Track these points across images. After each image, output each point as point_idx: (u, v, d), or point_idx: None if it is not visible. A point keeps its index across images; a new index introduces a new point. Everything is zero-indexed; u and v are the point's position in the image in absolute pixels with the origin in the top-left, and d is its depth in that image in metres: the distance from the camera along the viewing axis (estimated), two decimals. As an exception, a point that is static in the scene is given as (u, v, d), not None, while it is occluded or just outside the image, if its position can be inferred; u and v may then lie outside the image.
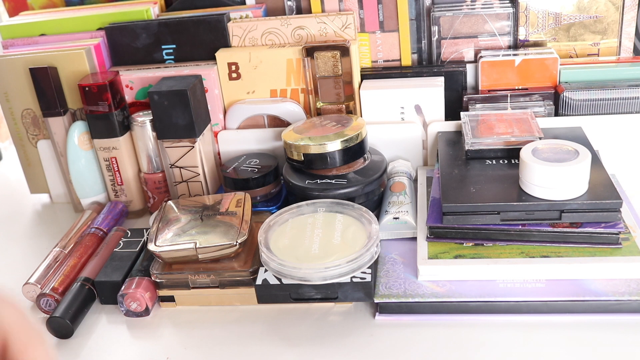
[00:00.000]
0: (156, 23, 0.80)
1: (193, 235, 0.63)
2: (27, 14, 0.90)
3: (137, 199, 0.81)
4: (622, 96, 0.71)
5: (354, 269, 0.57)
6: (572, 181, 0.58)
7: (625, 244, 0.58)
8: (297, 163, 0.70)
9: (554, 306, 0.55)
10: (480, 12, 0.77)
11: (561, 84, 0.75)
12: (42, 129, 0.84)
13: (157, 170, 0.78)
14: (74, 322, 0.60)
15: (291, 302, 0.59)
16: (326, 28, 0.77)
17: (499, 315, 0.56)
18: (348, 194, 0.67)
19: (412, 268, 0.60)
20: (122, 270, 0.65)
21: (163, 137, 0.74)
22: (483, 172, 0.65)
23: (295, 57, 0.77)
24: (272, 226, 0.64)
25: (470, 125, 0.70)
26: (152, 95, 0.72)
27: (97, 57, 0.80)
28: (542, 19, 0.77)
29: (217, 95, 0.79)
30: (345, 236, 0.61)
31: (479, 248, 0.60)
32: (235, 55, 0.78)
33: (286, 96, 0.79)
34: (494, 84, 0.76)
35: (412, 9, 0.78)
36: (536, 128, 0.68)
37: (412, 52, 0.81)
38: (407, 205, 0.67)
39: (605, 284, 0.55)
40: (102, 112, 0.75)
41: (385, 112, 0.77)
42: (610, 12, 0.76)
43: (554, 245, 0.59)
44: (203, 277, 0.61)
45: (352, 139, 0.69)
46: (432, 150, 0.77)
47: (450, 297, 0.56)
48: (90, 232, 0.73)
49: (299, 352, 0.55)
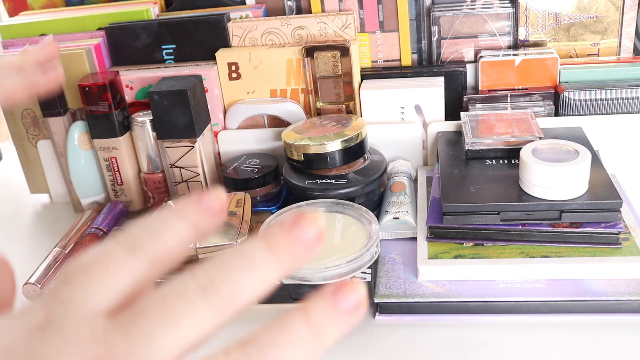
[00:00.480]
0: (156, 23, 0.80)
1: (193, 235, 0.63)
2: (27, 14, 0.90)
3: (137, 199, 0.81)
4: (622, 96, 0.71)
5: (354, 269, 0.57)
6: (572, 181, 0.58)
7: (625, 244, 0.58)
8: (297, 163, 0.70)
9: (554, 306, 0.55)
10: (480, 12, 0.77)
11: (561, 84, 0.75)
12: (42, 129, 0.84)
13: (157, 170, 0.78)
14: (74, 322, 0.60)
15: (291, 302, 0.59)
16: (326, 28, 0.77)
17: (499, 315, 0.56)
18: (348, 194, 0.67)
19: (412, 268, 0.60)
20: (122, 270, 0.64)
21: (163, 137, 0.74)
22: (483, 172, 0.65)
23: (295, 57, 0.77)
24: (272, 226, 0.64)
25: (470, 125, 0.70)
26: (152, 95, 0.72)
27: (97, 57, 0.80)
28: (542, 19, 0.77)
29: (217, 95, 0.79)
30: (345, 236, 0.61)
31: (479, 248, 0.60)
32: (235, 55, 0.78)
33: (286, 96, 0.79)
34: (494, 84, 0.76)
35: (412, 9, 0.78)
36: (536, 128, 0.68)
37: (412, 52, 0.81)
38: (407, 205, 0.67)
39: (605, 284, 0.55)
40: (102, 112, 0.75)
41: (385, 112, 0.77)
42: (610, 12, 0.76)
43: (554, 245, 0.59)
44: (203, 277, 0.61)
45: (352, 139, 0.69)
46: (432, 150, 0.77)
47: (450, 297, 0.56)
48: (90, 232, 0.73)
49: (299, 352, 0.55)
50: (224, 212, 0.29)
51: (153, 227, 0.27)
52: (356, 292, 0.26)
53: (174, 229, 0.27)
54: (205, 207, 0.28)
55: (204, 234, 0.28)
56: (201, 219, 0.28)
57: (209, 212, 0.28)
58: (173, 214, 0.28)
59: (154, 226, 0.27)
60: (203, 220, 0.28)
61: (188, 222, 0.27)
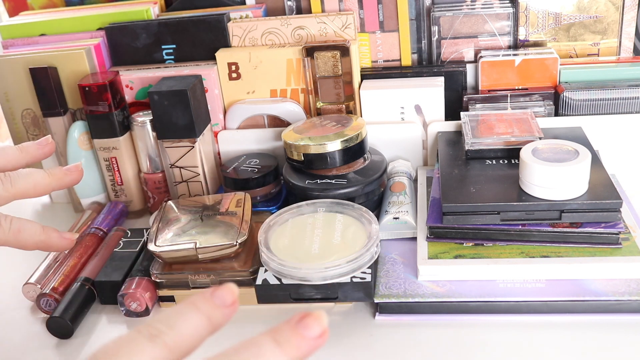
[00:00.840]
0: (156, 23, 0.80)
1: (193, 235, 0.63)
2: (27, 14, 0.90)
3: (137, 199, 0.81)
4: (622, 96, 0.71)
5: (354, 269, 0.57)
6: (572, 181, 0.58)
7: (625, 244, 0.58)
8: (297, 163, 0.70)
9: (554, 306, 0.55)
10: (480, 12, 0.77)
11: (561, 84, 0.75)
12: (42, 129, 0.84)
13: (157, 170, 0.78)
14: (74, 322, 0.60)
15: (291, 302, 0.59)
16: (326, 28, 0.77)
17: (499, 315, 0.56)
18: (348, 194, 0.67)
19: (412, 268, 0.60)
20: (122, 270, 0.65)
21: (163, 137, 0.74)
22: (483, 172, 0.65)
23: (295, 57, 0.77)
24: (272, 226, 0.64)
25: (470, 125, 0.70)
26: (152, 95, 0.72)
27: (97, 57, 0.80)
28: (542, 19, 0.77)
29: (217, 95, 0.79)
30: (345, 236, 0.61)
31: (479, 248, 0.60)
32: (235, 55, 0.78)
33: (286, 96, 0.79)
34: (494, 84, 0.76)
35: (412, 9, 0.78)
36: (536, 128, 0.68)
37: (412, 52, 0.81)
38: (407, 205, 0.67)
39: (605, 284, 0.55)
40: (102, 112, 0.75)
41: (385, 112, 0.77)
42: (610, 12, 0.76)
43: (554, 245, 0.59)
44: (203, 277, 0.61)
45: (352, 139, 0.69)
46: (432, 150, 0.77)
47: (450, 297, 0.56)
48: (90, 232, 0.73)
49: (299, 352, 0.55)
50: (236, 305, 0.33)
51: (171, 319, 0.31)
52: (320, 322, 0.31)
53: (190, 320, 0.31)
54: (218, 301, 0.32)
55: (218, 324, 0.32)
56: (214, 312, 0.32)
57: (222, 305, 0.32)
58: (189, 307, 0.32)
59: (172, 318, 0.31)
60: (216, 312, 0.32)
61: (202, 314, 0.32)
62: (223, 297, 0.32)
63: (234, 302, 0.33)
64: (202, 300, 0.32)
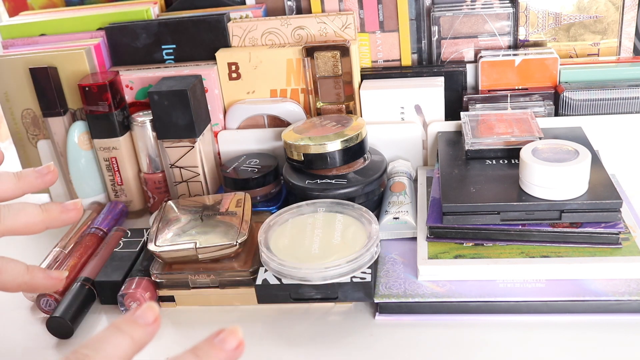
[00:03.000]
0: (156, 23, 0.80)
1: (193, 235, 0.63)
2: (27, 14, 0.90)
3: (137, 199, 0.81)
4: (622, 96, 0.71)
5: (354, 269, 0.57)
6: (572, 181, 0.58)
7: (625, 244, 0.58)
8: (297, 163, 0.70)
9: (554, 306, 0.55)
10: (480, 12, 0.77)
11: (561, 84, 0.75)
12: (42, 129, 0.84)
13: (157, 170, 0.78)
14: (74, 322, 0.60)
15: (291, 302, 0.59)
16: (326, 28, 0.77)
17: (499, 315, 0.56)
18: (348, 194, 0.67)
19: (412, 268, 0.60)
20: (122, 270, 0.65)
21: (163, 137, 0.74)
22: (483, 172, 0.65)
23: (295, 57, 0.77)
24: (272, 226, 0.64)
25: (470, 125, 0.70)
26: (152, 95, 0.72)
27: (97, 57, 0.80)
28: (542, 19, 0.77)
29: (217, 95, 0.79)
30: (345, 236, 0.61)
31: (479, 248, 0.60)
32: (235, 55, 0.78)
33: (286, 96, 0.79)
34: (494, 84, 0.76)
35: (412, 9, 0.78)
36: (536, 128, 0.68)
37: (412, 52, 0.81)
38: (407, 205, 0.67)
39: (605, 284, 0.55)
40: (102, 112, 0.75)
41: (385, 112, 0.77)
42: (610, 12, 0.76)
43: (554, 245, 0.59)
44: (203, 277, 0.61)
45: (352, 139, 0.69)
46: (432, 150, 0.77)
47: (450, 297, 0.56)
48: (90, 232, 0.73)
49: (298, 352, 0.55)
50: (159, 321, 0.35)
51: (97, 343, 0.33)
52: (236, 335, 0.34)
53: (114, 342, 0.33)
54: (141, 320, 0.35)
55: (143, 342, 0.35)
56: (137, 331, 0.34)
57: (144, 324, 0.35)
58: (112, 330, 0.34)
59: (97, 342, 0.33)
60: (139, 331, 0.34)
61: (125, 335, 0.34)
62: (145, 316, 0.35)
63: (156, 319, 0.35)
64: (124, 322, 0.34)
